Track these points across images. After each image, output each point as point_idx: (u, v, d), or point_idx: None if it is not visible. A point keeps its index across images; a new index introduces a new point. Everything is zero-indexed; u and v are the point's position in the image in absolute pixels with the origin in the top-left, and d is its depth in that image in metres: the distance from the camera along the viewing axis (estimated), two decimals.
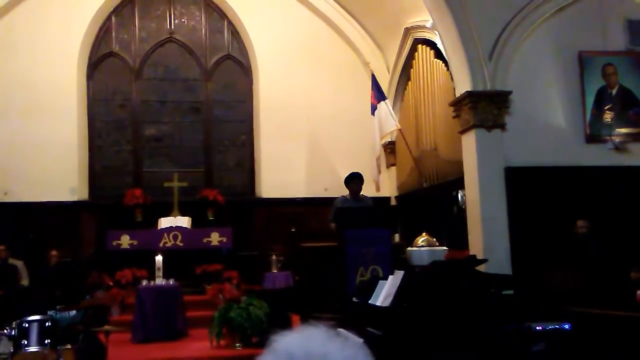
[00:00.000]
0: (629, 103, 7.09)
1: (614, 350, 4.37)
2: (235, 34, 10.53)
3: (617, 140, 6.94)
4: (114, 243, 8.78)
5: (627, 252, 6.33)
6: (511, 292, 4.94)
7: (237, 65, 10.55)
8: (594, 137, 6.97)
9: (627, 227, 6.66)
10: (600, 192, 6.79)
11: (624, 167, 6.90)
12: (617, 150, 6.94)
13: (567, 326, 4.25)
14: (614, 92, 7.10)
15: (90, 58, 10.12)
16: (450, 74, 7.38)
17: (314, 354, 0.92)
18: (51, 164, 9.42)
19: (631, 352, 4.31)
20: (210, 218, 9.72)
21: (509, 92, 6.76)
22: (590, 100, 7.00)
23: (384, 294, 4.45)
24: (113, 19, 10.26)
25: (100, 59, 10.22)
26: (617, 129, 7.01)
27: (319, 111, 10.14)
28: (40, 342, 4.53)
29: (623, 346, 4.39)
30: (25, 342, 4.51)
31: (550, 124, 6.94)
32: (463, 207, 7.36)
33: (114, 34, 10.25)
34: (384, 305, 4.29)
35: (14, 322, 4.59)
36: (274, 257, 8.98)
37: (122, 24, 10.29)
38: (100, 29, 10.20)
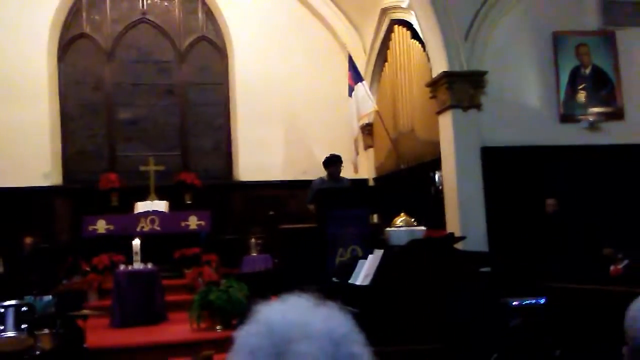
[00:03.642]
0: (602, 82, 7.20)
1: (588, 323, 4.48)
2: (209, 14, 10.35)
3: (591, 119, 7.06)
4: (90, 228, 8.65)
5: (601, 229, 6.47)
6: (488, 269, 5.02)
7: (212, 47, 10.40)
8: (568, 116, 7.07)
9: (600, 204, 6.80)
10: (574, 170, 6.91)
11: (598, 146, 7.02)
12: (590, 129, 7.05)
13: (542, 301, 4.35)
14: (587, 71, 7.19)
15: (60, 40, 9.86)
16: (427, 54, 7.39)
17: (295, 324, 0.89)
18: (23, 148, 9.21)
19: (605, 324, 4.42)
20: (188, 202, 9.64)
21: (485, 72, 6.81)
22: (564, 79, 7.09)
23: (363, 273, 4.48)
24: None
25: (71, 41, 9.97)
26: (591, 109, 7.11)
27: (296, 93, 10.08)
28: (17, 327, 4.48)
29: (598, 319, 4.50)
30: (2, 328, 4.45)
31: (525, 103, 7.01)
32: (440, 187, 7.43)
33: (84, 15, 9.99)
34: (363, 284, 4.32)
35: None
36: (252, 240, 8.97)
37: (93, 4, 10.03)
38: (71, 9, 9.93)
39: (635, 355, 1.41)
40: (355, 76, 9.18)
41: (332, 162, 6.75)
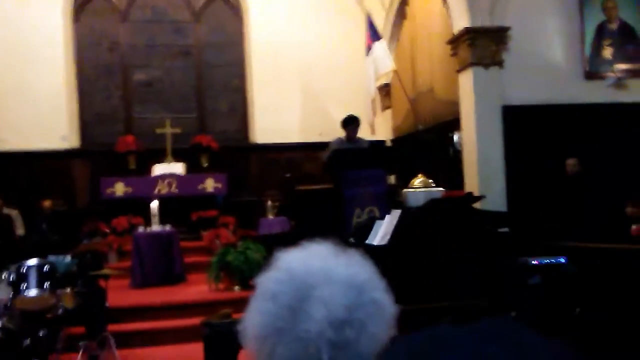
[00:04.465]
0: (628, 38, 6.94)
1: (608, 282, 4.42)
2: None
3: (617, 76, 6.83)
4: (108, 191, 8.73)
5: (624, 188, 6.33)
6: (507, 229, 4.95)
7: (227, 6, 10.22)
8: (593, 73, 6.86)
9: (624, 164, 6.64)
10: (598, 130, 6.73)
11: (622, 104, 6.82)
12: (616, 86, 6.83)
13: (562, 260, 4.28)
14: (614, 26, 6.93)
15: (75, 0, 9.76)
16: (448, 10, 7.17)
17: (316, 270, 0.89)
18: (40, 111, 9.23)
19: (626, 283, 4.36)
20: (205, 164, 9.65)
21: (508, 28, 6.59)
22: (590, 35, 6.85)
23: (381, 234, 4.44)
24: None
25: (86, 1, 9.87)
26: (617, 65, 6.88)
27: (312, 53, 9.90)
28: (39, 286, 4.55)
29: (619, 278, 4.43)
30: (25, 286, 4.52)
31: (549, 60, 6.80)
32: (459, 148, 7.31)
33: None
34: (381, 244, 4.29)
35: (13, 267, 4.59)
36: (269, 202, 8.97)
37: None
38: None
39: None
40: (374, 34, 8.95)
41: (349, 123, 6.66)
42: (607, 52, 6.88)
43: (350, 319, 0.86)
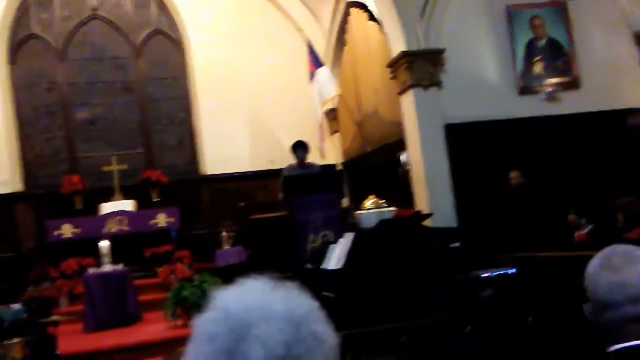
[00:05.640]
0: (557, 53, 7.33)
1: (557, 289, 4.59)
2: (162, 7, 10.12)
3: (548, 90, 7.18)
4: (55, 233, 8.45)
5: (564, 197, 6.62)
6: (458, 244, 5.09)
7: (168, 40, 10.19)
8: (526, 88, 7.19)
9: (563, 173, 6.95)
10: (535, 141, 7.04)
11: (557, 116, 7.16)
12: (549, 100, 7.18)
13: (512, 271, 4.43)
14: (542, 43, 7.31)
15: (9, 42, 9.52)
16: (385, 35, 7.40)
17: (253, 307, 0.87)
18: None
19: (573, 288, 4.54)
20: (155, 199, 9.49)
21: (443, 50, 6.85)
22: (520, 52, 7.19)
23: (335, 258, 4.49)
24: None
25: (21, 42, 9.63)
26: (548, 79, 7.24)
27: (257, 82, 9.97)
28: None
29: (565, 284, 4.61)
30: None
31: (484, 78, 7.09)
32: (407, 167, 7.48)
33: (33, 15, 9.67)
34: (336, 268, 4.33)
35: None
36: (224, 233, 8.89)
37: (41, 4, 9.70)
38: (18, 10, 9.59)
39: (596, 311, 1.46)
40: (315, 61, 9.14)
41: (297, 147, 6.76)
42: (538, 68, 7.23)
43: (289, 355, 0.84)
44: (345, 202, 8.37)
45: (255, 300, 0.88)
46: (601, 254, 1.49)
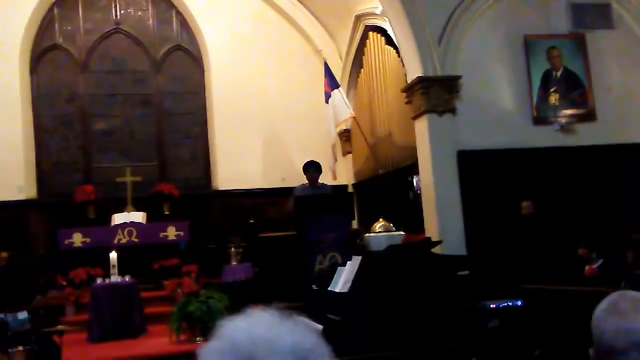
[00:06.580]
0: (573, 85, 7.32)
1: (565, 323, 4.53)
2: (184, 23, 10.31)
3: (563, 121, 7.16)
4: (66, 242, 8.52)
5: (575, 229, 6.56)
6: (466, 272, 5.06)
7: (188, 56, 10.35)
8: (541, 119, 7.17)
9: (575, 206, 6.89)
10: (548, 172, 7.00)
11: (571, 148, 7.13)
12: (563, 131, 7.16)
13: (519, 302, 4.39)
14: (558, 74, 7.30)
15: (33, 51, 9.73)
16: (401, 60, 7.45)
17: (259, 340, 0.87)
18: None
19: (581, 324, 4.49)
20: (166, 212, 9.55)
21: (459, 77, 6.87)
22: (536, 82, 7.19)
23: (342, 280, 4.47)
24: (55, 10, 9.87)
25: (44, 52, 9.84)
26: (563, 111, 7.22)
27: (273, 100, 10.07)
28: None
29: (574, 319, 4.56)
30: None
31: (499, 107, 7.09)
32: (418, 192, 7.47)
33: (57, 26, 9.88)
34: (342, 291, 4.32)
35: None
36: (232, 249, 8.89)
37: (65, 16, 9.92)
38: (43, 21, 9.81)
39: (599, 356, 1.44)
40: (332, 82, 9.21)
41: (308, 167, 6.78)
42: (553, 99, 7.22)
43: None
44: (354, 224, 8.37)
45: (262, 333, 0.88)
46: (608, 299, 1.47)
